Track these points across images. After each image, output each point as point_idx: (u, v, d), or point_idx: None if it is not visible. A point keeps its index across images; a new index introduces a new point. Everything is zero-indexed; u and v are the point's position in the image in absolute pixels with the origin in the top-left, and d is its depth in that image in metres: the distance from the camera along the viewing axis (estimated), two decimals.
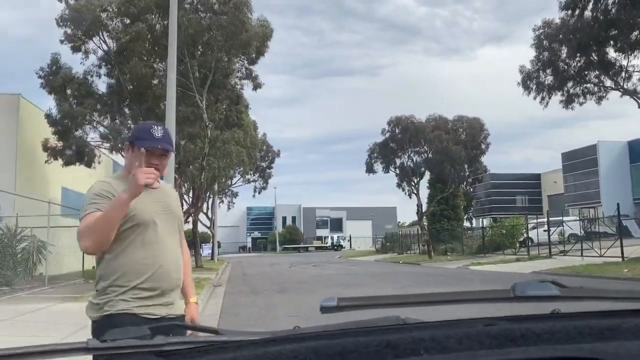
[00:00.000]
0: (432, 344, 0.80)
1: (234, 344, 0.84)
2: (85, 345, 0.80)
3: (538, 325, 0.85)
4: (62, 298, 11.88)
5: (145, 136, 2.37)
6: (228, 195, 49.03)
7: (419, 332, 0.83)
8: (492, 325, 0.87)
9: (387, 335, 0.82)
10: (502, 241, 30.33)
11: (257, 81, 19.98)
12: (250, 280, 20.17)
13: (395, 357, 0.77)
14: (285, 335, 0.86)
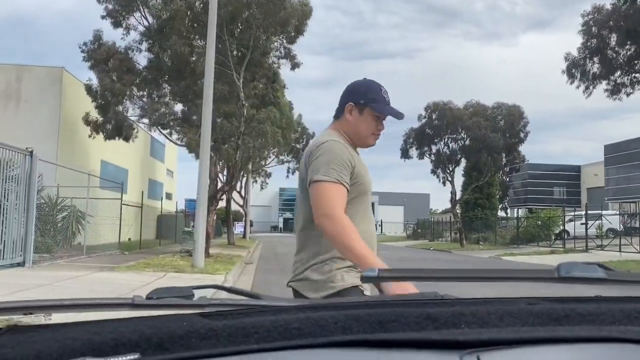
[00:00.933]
0: (472, 318, 0.79)
1: (274, 308, 0.85)
2: (131, 301, 0.82)
3: (582, 307, 0.83)
4: (99, 267, 12.28)
5: (380, 99, 2.20)
6: (261, 175, 49.42)
7: (459, 307, 0.82)
8: (535, 305, 0.85)
9: (427, 308, 0.81)
10: (537, 233, 29.76)
11: (295, 60, 19.93)
12: (280, 259, 20.39)
13: (435, 328, 0.77)
14: (326, 303, 0.86)
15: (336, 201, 1.96)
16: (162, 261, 14.31)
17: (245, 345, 0.72)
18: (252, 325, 0.76)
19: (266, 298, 0.94)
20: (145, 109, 19.99)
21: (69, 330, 0.72)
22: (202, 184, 14.11)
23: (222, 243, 30.30)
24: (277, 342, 0.72)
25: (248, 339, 0.73)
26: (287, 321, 0.77)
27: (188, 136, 21.93)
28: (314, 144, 2.16)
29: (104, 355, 0.68)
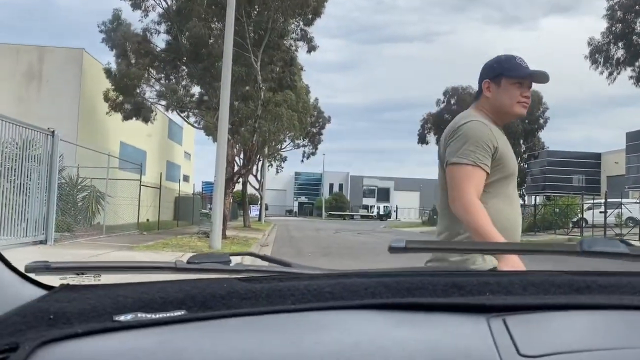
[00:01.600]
0: (497, 287, 0.82)
1: (306, 275, 0.90)
2: (174, 265, 0.87)
3: (603, 279, 0.86)
4: (118, 247, 12.51)
5: (515, 66, 2.10)
6: (277, 159, 49.55)
7: (484, 277, 0.86)
8: (557, 276, 0.89)
9: (453, 278, 0.85)
10: (555, 220, 29.50)
11: (312, 43, 19.85)
12: (295, 243, 20.56)
13: (461, 295, 0.81)
14: (356, 271, 0.91)
15: (469, 184, 1.93)
16: (180, 242, 14.52)
17: (282, 306, 0.77)
18: (287, 289, 0.80)
19: (297, 266, 0.99)
20: (163, 91, 20.12)
21: (119, 289, 0.78)
22: (219, 167, 14.22)
23: (238, 225, 30.58)
24: (312, 304, 0.77)
25: (285, 300, 0.78)
26: (320, 286, 0.82)
27: (205, 119, 22.05)
28: (454, 123, 2.10)
29: (153, 311, 0.73)
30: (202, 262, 0.89)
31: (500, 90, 2.10)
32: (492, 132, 2.01)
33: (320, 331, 0.69)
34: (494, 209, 1.95)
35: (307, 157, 49.79)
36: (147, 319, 0.71)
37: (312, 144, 48.86)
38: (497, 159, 2.00)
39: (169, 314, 0.72)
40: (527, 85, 2.12)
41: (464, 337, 0.66)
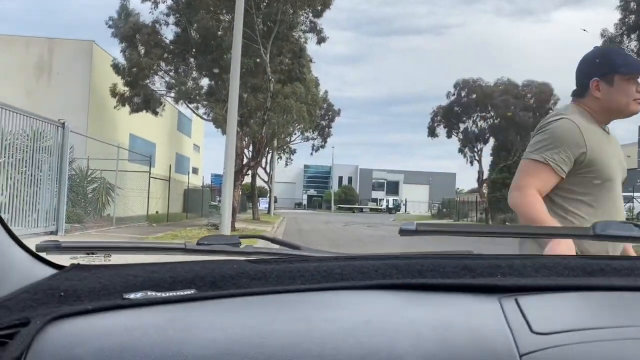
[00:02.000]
0: (509, 270, 0.82)
1: (316, 257, 0.90)
2: (183, 246, 0.87)
3: (617, 262, 0.85)
4: (128, 238, 12.60)
5: (628, 61, 1.95)
6: (286, 152, 49.58)
7: (495, 261, 0.85)
8: (569, 260, 0.88)
9: (463, 260, 0.84)
10: None
11: (321, 35, 19.78)
12: (305, 236, 20.60)
13: (472, 277, 0.80)
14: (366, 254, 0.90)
15: (533, 179, 1.86)
16: (189, 233, 14.60)
17: (292, 286, 0.76)
18: (297, 270, 0.80)
19: (306, 249, 0.99)
20: (172, 83, 20.15)
21: (129, 269, 0.78)
22: (228, 159, 14.25)
23: (247, 218, 30.68)
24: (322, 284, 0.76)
25: (294, 281, 0.78)
26: (329, 267, 0.81)
27: (215, 111, 22.09)
28: (549, 116, 2.01)
29: (163, 290, 0.73)
30: (211, 243, 0.89)
31: (614, 89, 1.94)
32: (582, 135, 1.88)
33: (331, 310, 0.69)
34: (575, 214, 1.84)
35: (317, 150, 49.80)
36: (157, 296, 0.71)
37: (321, 136, 48.82)
38: (586, 163, 1.88)
39: (179, 292, 0.72)
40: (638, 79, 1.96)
41: (475, 316, 0.66)
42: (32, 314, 0.66)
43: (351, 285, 0.75)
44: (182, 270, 0.78)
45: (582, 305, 0.72)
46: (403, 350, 0.59)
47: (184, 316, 0.67)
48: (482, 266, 0.82)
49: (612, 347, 0.57)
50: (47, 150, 11.65)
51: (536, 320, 0.63)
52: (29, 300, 0.69)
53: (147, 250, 0.87)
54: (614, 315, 0.68)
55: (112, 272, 0.77)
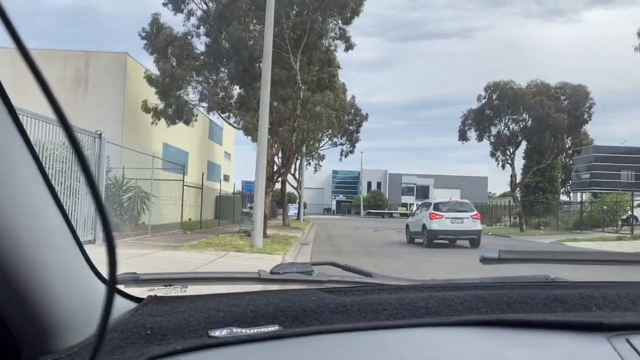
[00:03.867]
0: (603, 302, 0.77)
1: (391, 286, 0.87)
2: (257, 276, 0.85)
3: None
4: (164, 246, 12.77)
5: None
6: (315, 158, 49.67)
7: (585, 290, 0.80)
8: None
9: (552, 290, 0.80)
10: (602, 218, 28.54)
11: (349, 42, 19.78)
12: (335, 241, 20.54)
13: (565, 310, 0.76)
14: (444, 283, 0.87)
15: None
16: (222, 240, 14.72)
17: (376, 321, 0.73)
18: (379, 302, 0.77)
19: (379, 276, 0.96)
20: (204, 94, 20.42)
21: (208, 301, 0.76)
22: (260, 167, 14.34)
23: (277, 224, 30.79)
24: (409, 320, 0.73)
25: (378, 315, 0.75)
26: (412, 300, 0.78)
27: (245, 119, 22.29)
28: None
29: (246, 325, 0.71)
30: (285, 272, 0.87)
31: None
32: None
33: (425, 350, 0.65)
34: None
35: (345, 156, 49.74)
36: (243, 334, 0.69)
37: (349, 142, 48.75)
38: None
39: (263, 328, 0.70)
40: None
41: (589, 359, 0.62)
42: (122, 356, 0.65)
43: (443, 322, 0.72)
44: (261, 302, 0.76)
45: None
46: None
47: (272, 356, 0.65)
48: (574, 297, 0.78)
49: None
50: None
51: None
52: (116, 339, 0.68)
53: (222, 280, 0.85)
54: None
55: (193, 305, 0.75)
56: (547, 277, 0.98)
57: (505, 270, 1.01)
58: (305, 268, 0.90)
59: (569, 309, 0.75)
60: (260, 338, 0.68)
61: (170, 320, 0.72)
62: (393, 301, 0.77)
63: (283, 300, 0.76)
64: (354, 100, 44.31)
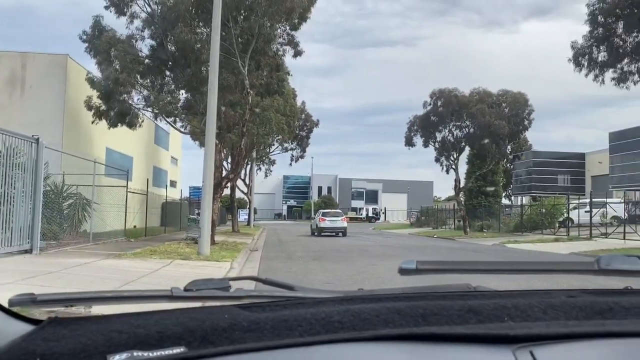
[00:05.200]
0: (515, 311, 0.78)
1: (312, 300, 0.85)
2: (169, 293, 0.81)
3: (625, 300, 0.82)
4: (106, 254, 12.33)
5: None
6: (265, 163, 49.42)
7: (500, 300, 0.81)
8: (576, 297, 0.84)
9: (468, 301, 0.80)
10: (541, 220, 29.74)
11: (298, 48, 19.81)
12: (285, 247, 20.46)
13: (479, 321, 0.76)
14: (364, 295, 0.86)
15: None
16: (168, 248, 14.36)
17: (289, 338, 0.71)
18: (294, 318, 0.75)
19: (301, 289, 0.94)
20: (150, 98, 19.92)
21: (112, 322, 0.72)
22: (207, 172, 14.11)
23: (227, 230, 30.38)
24: (321, 336, 0.71)
25: (291, 332, 0.73)
26: (327, 314, 0.76)
27: (192, 124, 21.89)
28: None
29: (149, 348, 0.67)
30: (200, 289, 0.83)
31: None
32: None
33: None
34: None
35: (296, 161, 49.74)
36: (143, 358, 0.65)
37: (300, 147, 48.81)
38: None
39: (168, 351, 0.66)
40: None
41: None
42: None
43: (355, 337, 0.70)
44: (170, 322, 0.72)
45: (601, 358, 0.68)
46: None
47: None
48: (488, 308, 0.78)
49: None
50: (20, 166, 11.37)
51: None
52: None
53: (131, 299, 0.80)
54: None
55: (94, 327, 0.70)
56: (469, 286, 0.98)
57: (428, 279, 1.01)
58: (222, 284, 0.86)
59: (482, 320, 0.76)
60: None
61: (66, 345, 0.67)
62: (309, 316, 0.75)
63: (193, 319, 0.73)
64: (305, 106, 44.43)
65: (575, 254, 17.28)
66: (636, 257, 0.89)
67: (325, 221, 30.89)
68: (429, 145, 35.19)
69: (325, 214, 32.34)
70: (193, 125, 21.19)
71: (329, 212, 33.45)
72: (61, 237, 14.60)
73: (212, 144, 14.24)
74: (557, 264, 0.95)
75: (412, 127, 35.41)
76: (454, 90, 33.83)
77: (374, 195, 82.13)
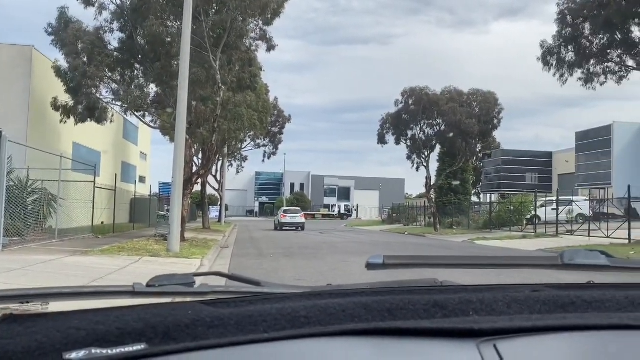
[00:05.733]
0: (480, 305, 0.78)
1: (278, 295, 0.84)
2: (131, 289, 0.79)
3: (587, 294, 0.84)
4: (72, 251, 12.07)
5: None
6: (237, 159, 49.09)
7: (465, 294, 0.81)
8: (540, 292, 0.85)
9: (434, 295, 0.80)
10: (509, 218, 30.32)
11: (271, 43, 19.69)
12: (256, 244, 20.37)
13: (445, 316, 0.76)
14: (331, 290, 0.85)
15: None
16: (137, 245, 14.14)
17: (254, 334, 0.70)
18: (259, 314, 0.74)
19: (268, 285, 0.93)
20: (119, 92, 19.52)
21: (70, 319, 0.69)
22: (177, 168, 13.93)
23: (197, 227, 30.08)
24: (287, 331, 0.70)
25: (256, 327, 0.71)
26: (294, 309, 0.75)
27: (162, 119, 21.57)
28: None
29: (109, 345, 0.65)
30: (163, 284, 0.81)
31: None
32: None
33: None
34: None
35: (268, 157, 49.56)
36: (102, 355, 0.62)
37: (272, 143, 48.64)
38: None
39: (127, 348, 0.64)
40: None
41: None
42: None
43: (319, 332, 0.70)
44: (131, 319, 0.70)
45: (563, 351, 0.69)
46: None
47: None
48: (453, 302, 0.78)
49: None
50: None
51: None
52: None
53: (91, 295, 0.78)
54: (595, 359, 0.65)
55: (51, 324, 0.68)
56: (436, 281, 0.99)
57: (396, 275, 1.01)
58: (186, 280, 0.84)
59: (448, 315, 0.76)
60: (121, 358, 0.62)
61: (20, 342, 0.64)
62: (274, 312, 0.74)
63: (155, 315, 0.71)
64: (277, 102, 44.24)
65: (543, 251, 17.69)
66: (598, 252, 0.91)
67: (286, 217, 34.99)
68: (400, 142, 35.47)
69: (286, 211, 36.90)
70: (163, 120, 20.88)
71: (289, 209, 38.21)
72: (25, 233, 14.22)
73: (182, 139, 14.07)
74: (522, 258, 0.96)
75: (385, 124, 35.63)
76: (425, 88, 34.16)
77: (346, 192, 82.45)
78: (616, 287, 0.88)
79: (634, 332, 0.71)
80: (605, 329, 0.72)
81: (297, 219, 34.97)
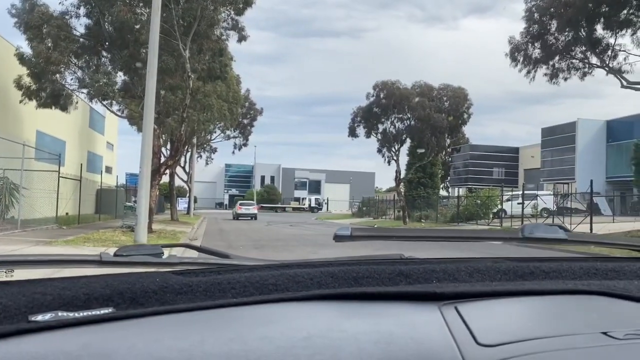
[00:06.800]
0: (443, 275, 0.81)
1: (246, 266, 0.85)
2: (99, 258, 0.79)
3: (545, 265, 0.87)
4: (35, 242, 11.78)
5: None
6: (207, 151, 48.59)
7: (429, 265, 0.84)
8: (500, 263, 0.89)
9: (398, 266, 0.83)
10: (476, 211, 30.89)
11: (242, 33, 19.50)
12: (226, 236, 20.24)
13: (409, 284, 0.78)
14: (299, 262, 0.86)
15: None
16: (102, 236, 13.89)
17: (222, 300, 0.71)
18: (227, 282, 0.75)
19: (236, 257, 0.93)
20: (84, 80, 19.04)
21: (36, 285, 0.69)
22: (145, 158, 13.70)
23: (165, 219, 29.70)
24: (255, 297, 0.71)
25: (225, 294, 0.72)
26: (262, 277, 0.77)
27: (130, 108, 21.16)
28: None
29: (76, 309, 0.65)
30: (130, 254, 0.81)
31: None
32: None
33: (267, 326, 0.64)
34: None
35: (239, 149, 49.14)
36: (69, 317, 0.62)
37: (243, 135, 48.24)
38: None
39: (95, 312, 0.64)
40: None
41: (418, 327, 0.64)
42: None
43: (287, 297, 0.71)
44: (98, 285, 0.70)
45: (521, 312, 0.72)
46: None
47: (101, 340, 0.59)
48: (417, 272, 0.81)
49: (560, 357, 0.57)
50: None
51: (480, 330, 0.61)
52: None
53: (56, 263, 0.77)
54: (552, 321, 0.68)
55: (16, 289, 0.67)
56: (401, 256, 1.01)
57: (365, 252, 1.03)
58: (154, 250, 0.84)
59: (412, 282, 0.78)
60: (88, 321, 0.62)
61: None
62: (243, 279, 0.75)
63: (123, 282, 0.71)
64: (249, 94, 43.91)
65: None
66: (557, 227, 0.95)
67: (242, 209, 41.68)
68: (371, 136, 35.66)
69: (242, 203, 43.90)
70: (131, 109, 20.50)
71: (245, 202, 45.95)
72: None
73: (150, 129, 13.84)
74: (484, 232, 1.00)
75: (356, 118, 35.73)
76: (396, 82, 34.37)
77: (316, 185, 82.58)
78: (572, 260, 0.92)
79: (586, 296, 0.75)
80: (560, 294, 0.75)
81: (251, 210, 41.93)
